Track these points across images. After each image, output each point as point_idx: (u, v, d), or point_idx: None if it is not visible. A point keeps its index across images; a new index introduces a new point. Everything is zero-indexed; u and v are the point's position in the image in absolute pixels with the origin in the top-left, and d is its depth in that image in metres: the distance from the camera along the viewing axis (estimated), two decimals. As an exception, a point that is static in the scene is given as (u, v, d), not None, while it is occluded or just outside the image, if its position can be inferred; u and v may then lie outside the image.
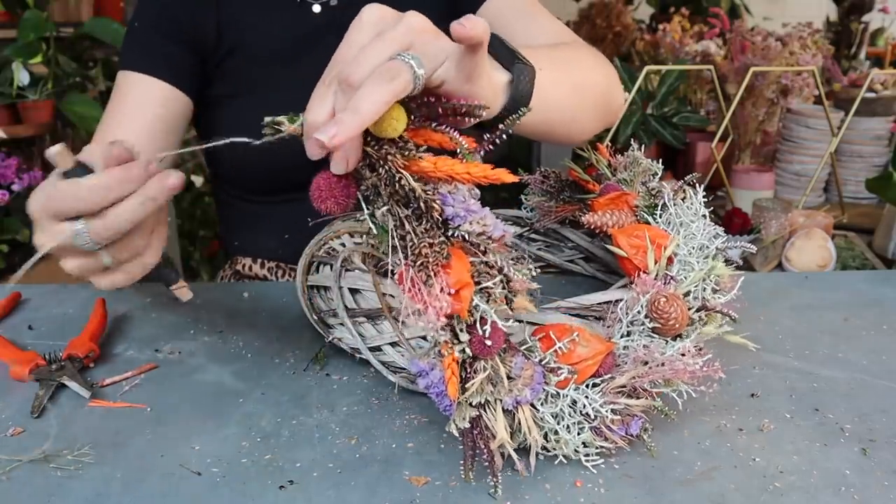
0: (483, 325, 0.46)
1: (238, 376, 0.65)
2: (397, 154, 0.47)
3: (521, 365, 0.49)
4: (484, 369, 0.47)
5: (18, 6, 2.02)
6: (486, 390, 0.48)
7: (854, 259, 1.54)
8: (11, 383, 0.64)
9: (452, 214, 0.46)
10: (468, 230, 0.46)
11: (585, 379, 0.51)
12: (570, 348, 0.51)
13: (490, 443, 0.48)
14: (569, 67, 0.71)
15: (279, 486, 0.50)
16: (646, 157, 0.74)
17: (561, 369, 0.50)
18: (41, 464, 0.53)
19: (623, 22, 2.71)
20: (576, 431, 0.50)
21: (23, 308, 0.81)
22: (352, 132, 0.43)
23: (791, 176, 1.94)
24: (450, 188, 0.47)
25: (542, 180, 0.79)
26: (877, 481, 0.51)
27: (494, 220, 0.46)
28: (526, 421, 0.49)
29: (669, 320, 0.54)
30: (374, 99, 0.44)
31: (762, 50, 1.86)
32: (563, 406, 0.50)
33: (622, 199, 0.68)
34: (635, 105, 1.74)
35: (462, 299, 0.45)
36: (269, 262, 1.00)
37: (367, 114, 0.44)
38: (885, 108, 1.95)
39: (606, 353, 0.52)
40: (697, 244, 0.61)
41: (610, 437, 0.51)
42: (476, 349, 0.46)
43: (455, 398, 0.47)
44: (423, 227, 0.46)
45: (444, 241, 0.46)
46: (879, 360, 0.68)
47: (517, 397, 0.48)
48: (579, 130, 0.75)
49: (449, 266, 0.45)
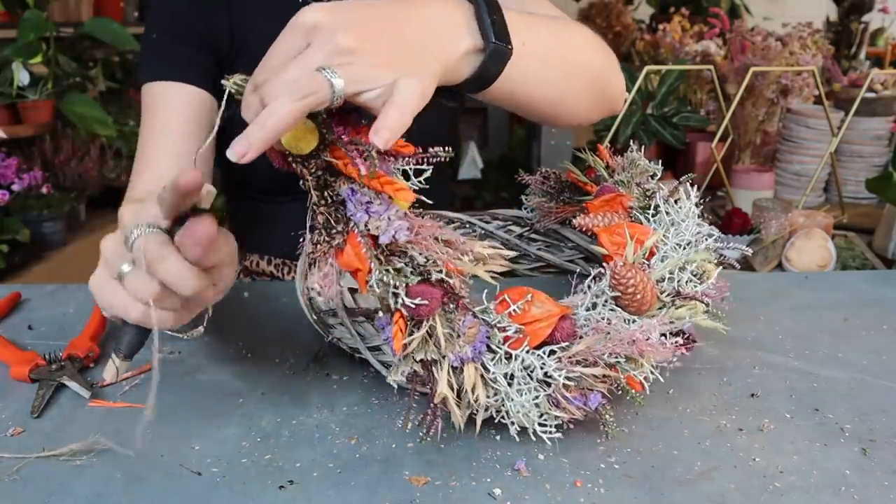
0: (396, 298, 0.49)
1: (238, 376, 0.65)
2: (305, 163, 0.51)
3: (468, 323, 0.50)
4: (424, 327, 0.50)
5: (18, 6, 2.02)
6: (430, 347, 0.50)
7: (854, 259, 1.54)
8: (11, 383, 0.64)
9: (352, 211, 0.50)
10: (361, 229, 0.50)
11: (540, 342, 0.52)
12: (525, 309, 0.52)
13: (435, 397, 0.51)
14: (562, 46, 0.67)
15: (279, 486, 0.50)
16: (646, 157, 0.74)
17: (509, 327, 0.51)
18: (41, 464, 0.53)
19: (623, 22, 2.71)
20: (531, 396, 0.51)
21: (23, 308, 0.81)
22: (259, 148, 0.45)
23: (791, 176, 1.94)
24: (357, 186, 0.50)
25: (543, 181, 0.79)
26: (877, 481, 0.51)
27: (392, 224, 0.49)
28: (469, 378, 0.50)
29: (629, 288, 0.55)
30: (282, 110, 0.45)
31: (762, 50, 1.86)
32: (516, 368, 0.51)
33: (617, 200, 0.69)
34: (635, 105, 1.74)
35: (359, 278, 0.50)
36: (277, 258, 1.01)
37: (273, 128, 0.45)
38: (885, 108, 1.95)
39: (560, 314, 0.52)
40: (684, 241, 0.62)
41: (566, 406, 0.51)
42: (407, 310, 0.49)
43: (399, 352, 0.50)
44: (331, 213, 0.51)
45: (339, 231, 0.51)
46: (879, 360, 0.68)
47: (459, 354, 0.50)
48: (568, 112, 0.72)
49: (341, 252, 0.50)
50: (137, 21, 3.21)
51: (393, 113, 0.48)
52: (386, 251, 0.50)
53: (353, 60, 0.48)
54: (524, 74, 0.61)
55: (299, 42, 0.48)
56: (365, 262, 0.49)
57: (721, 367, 0.66)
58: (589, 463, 0.52)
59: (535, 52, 0.61)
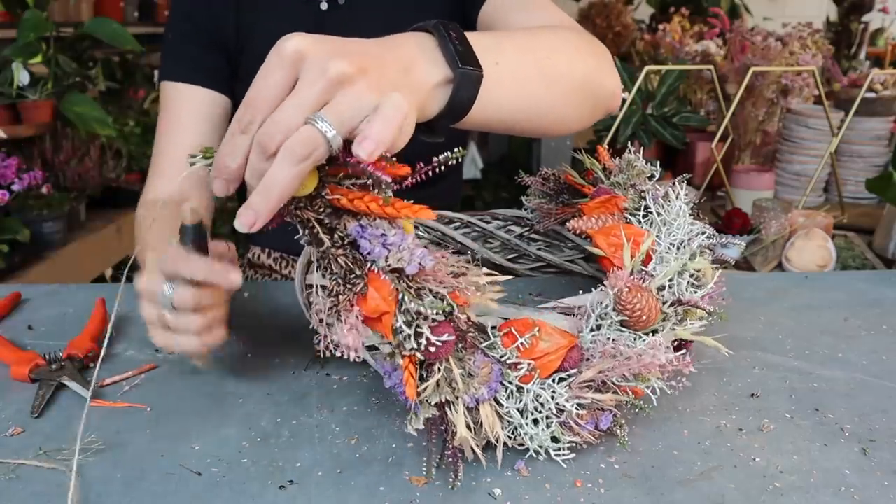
0: (419, 339, 0.47)
1: (238, 376, 0.65)
2: (308, 207, 0.48)
3: (479, 363, 0.49)
4: (438, 371, 0.48)
5: (18, 6, 2.02)
6: (444, 390, 0.48)
7: (854, 259, 1.54)
8: (11, 383, 0.64)
9: (368, 249, 0.47)
10: (382, 266, 0.47)
11: (550, 374, 0.51)
12: (532, 343, 0.51)
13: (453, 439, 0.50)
14: (541, 57, 0.66)
15: (279, 486, 0.50)
16: (646, 157, 0.73)
17: (521, 365, 0.51)
18: (41, 465, 0.53)
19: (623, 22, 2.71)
20: (543, 426, 0.51)
21: (23, 308, 0.81)
22: (266, 217, 0.45)
23: (791, 176, 1.94)
24: (365, 221, 0.47)
25: (543, 182, 0.79)
26: (877, 481, 0.51)
27: (415, 253, 0.47)
28: (487, 417, 0.49)
29: (635, 311, 0.54)
30: (285, 177, 0.44)
31: (762, 50, 1.86)
32: (528, 401, 0.50)
33: (612, 202, 0.69)
34: (635, 105, 1.74)
35: (384, 323, 0.47)
36: (276, 252, 1.03)
37: (279, 195, 0.44)
38: (885, 108, 1.95)
39: (569, 346, 0.52)
40: (677, 241, 0.61)
41: (579, 431, 0.51)
42: (425, 354, 0.47)
43: (413, 398, 0.47)
44: (343, 260, 0.48)
45: (357, 275, 0.47)
46: (879, 360, 0.68)
47: (475, 395, 0.49)
48: (557, 123, 0.70)
49: (364, 299, 0.47)
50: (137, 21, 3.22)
51: (377, 123, 0.45)
52: (412, 288, 0.47)
53: (347, 94, 0.46)
54: (501, 94, 0.59)
55: (286, 73, 0.45)
56: (392, 302, 0.47)
57: (721, 367, 0.66)
58: (589, 463, 0.52)
59: (510, 69, 0.60)
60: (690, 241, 0.62)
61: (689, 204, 0.67)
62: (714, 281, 0.61)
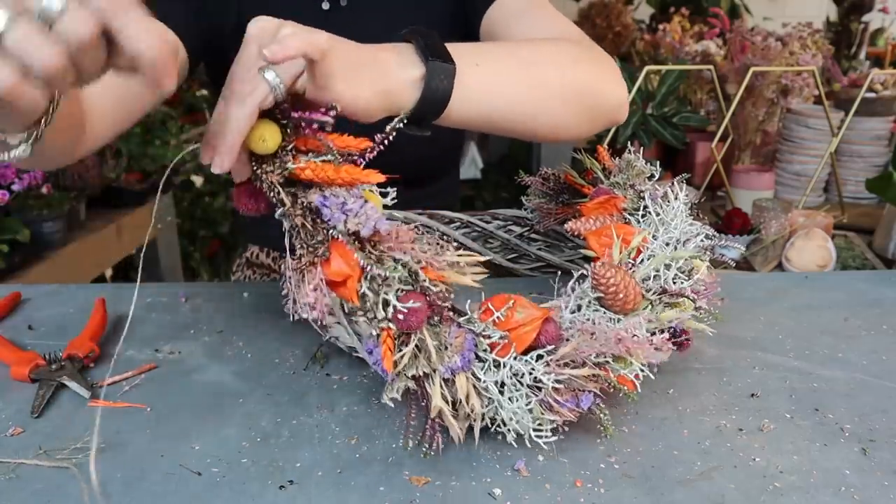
0: (385, 308, 0.49)
1: (238, 376, 0.65)
2: (274, 169, 0.53)
3: (454, 334, 0.50)
4: (413, 341, 0.50)
5: (18, 6, 2.02)
6: (421, 361, 0.50)
7: (854, 259, 1.54)
8: (11, 383, 0.64)
9: (329, 216, 0.50)
10: (341, 230, 0.50)
11: (526, 346, 0.52)
12: (508, 315, 0.52)
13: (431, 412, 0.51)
14: (528, 62, 0.67)
15: (279, 486, 0.50)
16: (646, 157, 0.73)
17: (494, 334, 0.51)
18: (41, 464, 0.53)
19: (623, 22, 2.71)
20: (522, 403, 0.51)
21: (23, 308, 0.81)
22: (229, 158, 0.51)
23: (791, 176, 1.94)
24: (328, 192, 0.52)
25: (543, 182, 0.79)
26: (877, 481, 0.51)
27: (371, 217, 0.50)
28: (462, 388, 0.50)
29: (610, 287, 0.55)
30: (235, 112, 0.50)
31: (762, 50, 1.86)
32: (505, 375, 0.51)
33: (611, 202, 0.69)
34: (635, 105, 1.74)
35: (348, 287, 0.50)
36: (274, 252, 1.03)
37: (234, 132, 0.50)
38: (885, 108, 1.95)
39: (542, 318, 0.52)
40: (672, 239, 0.62)
41: (559, 410, 0.51)
42: (397, 325, 0.49)
43: (390, 370, 0.49)
44: (309, 228, 0.52)
45: (321, 240, 0.51)
46: (879, 360, 0.68)
47: (450, 365, 0.50)
48: (548, 129, 0.71)
49: (327, 263, 0.50)
50: (137, 21, 3.21)
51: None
52: (373, 256, 0.50)
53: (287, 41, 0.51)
54: (483, 93, 0.63)
55: (253, 51, 0.53)
56: (355, 266, 0.50)
57: (721, 367, 0.66)
58: (589, 463, 0.52)
59: (493, 70, 0.64)
60: (687, 240, 0.62)
61: (689, 204, 0.67)
62: (702, 273, 0.61)
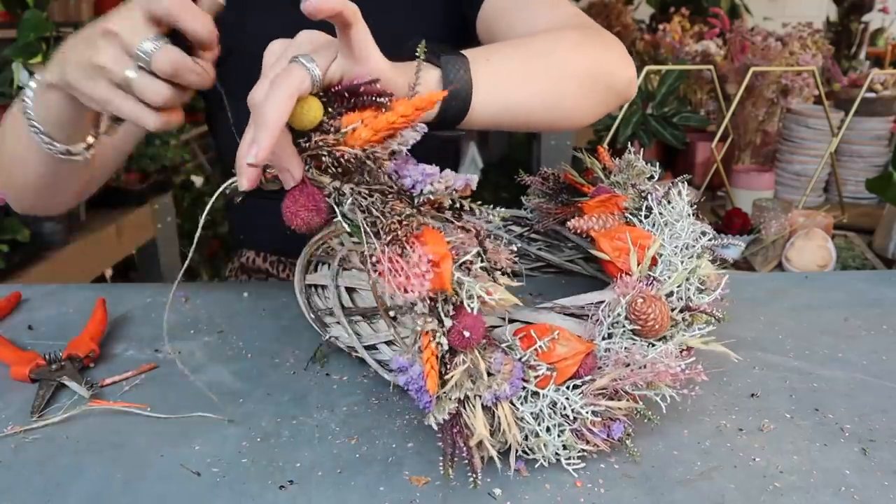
0: (470, 301, 0.46)
1: (238, 376, 0.65)
2: (328, 136, 0.49)
3: (500, 360, 0.49)
4: (463, 363, 0.48)
5: (18, 6, 2.02)
6: (465, 385, 0.48)
7: (854, 259, 1.54)
8: (11, 383, 0.64)
9: (412, 182, 0.47)
10: (432, 190, 0.47)
11: (566, 379, 0.51)
12: (550, 347, 0.51)
13: (469, 439, 0.49)
14: (540, 53, 0.68)
15: (279, 486, 0.50)
16: (646, 157, 0.73)
17: (540, 366, 0.50)
18: (41, 464, 0.53)
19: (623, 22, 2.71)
20: (556, 433, 0.50)
21: (23, 308, 0.81)
22: (267, 142, 0.46)
23: (791, 176, 1.94)
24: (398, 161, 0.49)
25: (542, 182, 0.79)
26: (877, 481, 0.51)
27: (453, 174, 0.47)
28: (506, 417, 0.49)
29: (648, 321, 0.54)
30: (274, 101, 0.47)
31: (762, 50, 1.86)
32: (543, 406, 0.50)
33: (612, 201, 0.69)
34: (635, 105, 1.74)
35: (443, 271, 0.45)
36: (272, 256, 1.02)
37: (273, 117, 0.47)
38: (885, 108, 1.95)
39: (586, 352, 0.52)
40: (682, 244, 0.61)
41: (591, 439, 0.51)
42: (454, 341, 0.47)
43: (434, 392, 0.47)
44: (389, 206, 0.47)
45: (411, 213, 0.47)
46: (879, 360, 0.68)
47: (496, 392, 0.48)
48: (568, 115, 0.71)
49: (423, 238, 0.46)
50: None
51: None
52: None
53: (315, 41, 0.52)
54: (503, 84, 0.62)
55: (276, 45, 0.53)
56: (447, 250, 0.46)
57: (721, 368, 0.66)
58: (589, 463, 0.52)
59: (504, 64, 0.64)
60: (695, 243, 0.62)
61: (693, 205, 0.66)
62: (719, 286, 0.60)
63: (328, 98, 0.51)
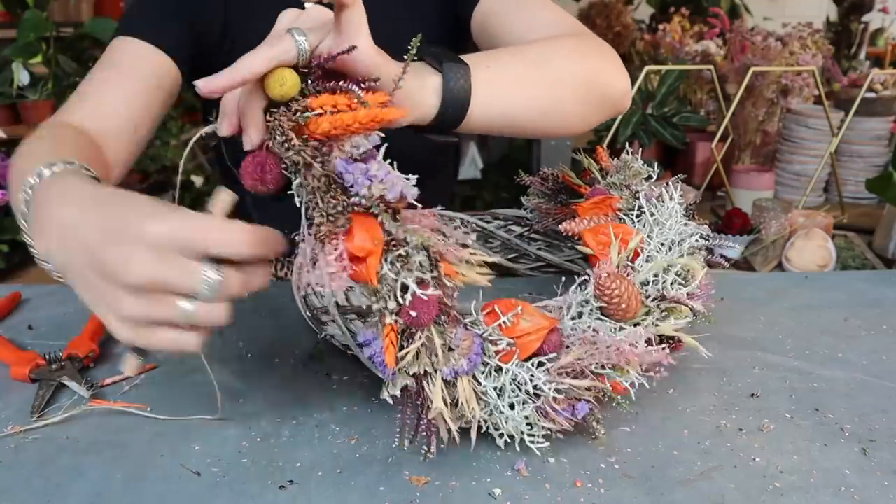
0: (404, 294, 0.47)
1: (238, 376, 0.65)
2: (288, 117, 0.49)
3: (460, 336, 0.49)
4: (419, 339, 0.48)
5: (18, 6, 2.02)
6: (424, 360, 0.48)
7: (854, 259, 1.54)
8: (11, 383, 0.64)
9: (351, 181, 0.47)
10: (365, 195, 0.46)
11: (529, 355, 0.51)
12: (514, 322, 0.51)
13: (428, 413, 0.49)
14: (537, 61, 0.68)
15: (279, 486, 0.50)
16: (646, 157, 0.74)
17: (501, 341, 0.51)
18: (41, 464, 0.53)
19: (623, 22, 2.71)
20: (519, 409, 0.51)
21: (23, 308, 0.81)
22: (225, 80, 0.48)
23: (791, 176, 1.94)
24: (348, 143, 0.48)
25: (542, 182, 0.79)
26: (877, 481, 0.51)
27: (397, 183, 0.47)
28: (464, 392, 0.49)
29: (614, 298, 0.55)
30: (252, 57, 0.49)
31: (762, 50, 1.86)
32: (506, 381, 0.50)
33: (606, 203, 0.69)
34: (635, 105, 1.74)
35: (368, 266, 0.46)
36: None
37: (244, 66, 0.48)
38: (885, 108, 1.95)
39: (549, 328, 0.52)
40: (667, 240, 0.61)
41: (555, 417, 0.51)
42: (406, 319, 0.47)
43: (392, 367, 0.48)
44: (329, 197, 0.47)
45: (341, 209, 0.47)
46: (879, 360, 0.68)
47: (454, 367, 0.49)
48: (560, 123, 0.71)
49: (350, 234, 0.46)
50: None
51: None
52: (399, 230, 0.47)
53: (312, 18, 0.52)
54: (501, 92, 0.63)
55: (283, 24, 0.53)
56: (379, 243, 0.46)
57: (721, 367, 0.66)
58: (589, 463, 0.52)
59: (504, 71, 0.64)
60: (682, 241, 0.62)
61: (683, 205, 0.66)
62: (700, 280, 0.60)
63: (309, 72, 0.50)
